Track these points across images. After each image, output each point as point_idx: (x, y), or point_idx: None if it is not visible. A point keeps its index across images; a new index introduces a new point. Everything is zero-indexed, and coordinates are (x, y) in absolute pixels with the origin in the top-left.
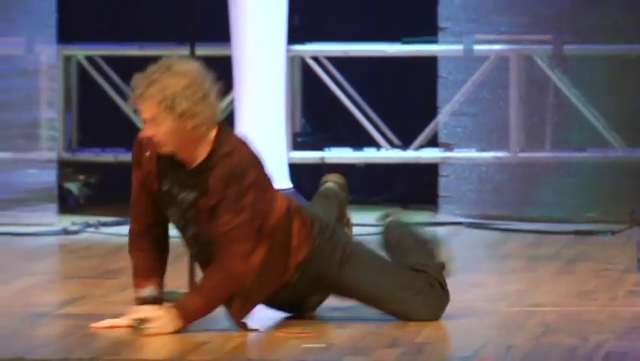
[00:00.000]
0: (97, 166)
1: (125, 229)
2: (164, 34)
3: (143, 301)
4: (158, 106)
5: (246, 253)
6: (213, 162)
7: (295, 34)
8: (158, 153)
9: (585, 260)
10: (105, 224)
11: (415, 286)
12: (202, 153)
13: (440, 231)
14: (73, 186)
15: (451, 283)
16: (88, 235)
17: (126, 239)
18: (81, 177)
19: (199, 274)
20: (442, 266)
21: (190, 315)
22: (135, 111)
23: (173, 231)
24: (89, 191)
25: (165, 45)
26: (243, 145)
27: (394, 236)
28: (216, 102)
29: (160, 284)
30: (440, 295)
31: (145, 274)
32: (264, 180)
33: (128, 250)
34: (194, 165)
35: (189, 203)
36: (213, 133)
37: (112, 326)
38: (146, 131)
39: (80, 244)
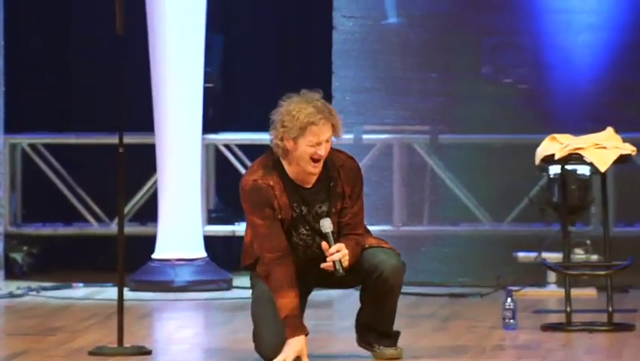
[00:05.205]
0: (38, 238)
1: (62, 293)
2: (97, 125)
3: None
4: (332, 128)
5: (366, 231)
6: (333, 173)
7: (209, 125)
8: (284, 187)
9: (458, 319)
10: (45, 288)
11: None
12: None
13: (333, 293)
14: (17, 256)
15: (341, 340)
16: (30, 298)
17: (63, 302)
18: (25, 248)
19: (131, 332)
20: None
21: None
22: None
23: None
24: (32, 260)
25: (97, 134)
26: (341, 152)
27: None
28: None
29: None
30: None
31: (289, 283)
32: None
33: (264, 275)
34: (313, 183)
35: (323, 214)
36: None
37: None
38: (325, 151)
39: (23, 306)
